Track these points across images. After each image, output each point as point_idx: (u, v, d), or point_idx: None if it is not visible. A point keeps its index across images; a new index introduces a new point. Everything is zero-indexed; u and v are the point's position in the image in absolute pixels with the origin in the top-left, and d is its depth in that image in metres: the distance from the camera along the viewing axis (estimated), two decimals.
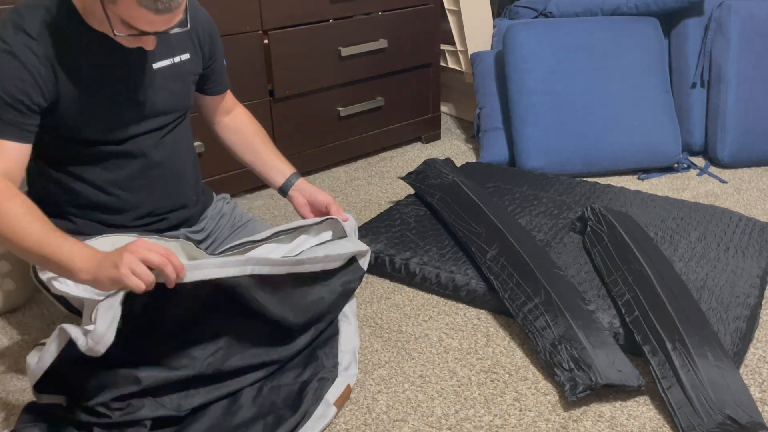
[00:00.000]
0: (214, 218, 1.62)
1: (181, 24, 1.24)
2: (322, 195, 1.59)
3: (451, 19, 2.88)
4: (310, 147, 2.51)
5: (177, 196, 1.51)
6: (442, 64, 2.93)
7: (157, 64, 1.40)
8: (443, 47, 2.96)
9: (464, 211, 1.88)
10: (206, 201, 1.63)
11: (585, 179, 2.27)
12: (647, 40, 2.51)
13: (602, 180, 2.43)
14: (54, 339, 1.17)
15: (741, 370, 1.46)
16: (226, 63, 1.63)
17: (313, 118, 2.48)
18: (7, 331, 1.67)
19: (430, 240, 1.87)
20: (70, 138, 1.35)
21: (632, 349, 1.48)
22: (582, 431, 1.32)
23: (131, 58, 1.36)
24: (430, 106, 2.84)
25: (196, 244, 1.53)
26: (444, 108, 3.21)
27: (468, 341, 1.59)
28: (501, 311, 1.67)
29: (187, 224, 1.56)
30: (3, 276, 1.70)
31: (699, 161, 2.56)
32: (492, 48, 2.84)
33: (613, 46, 2.48)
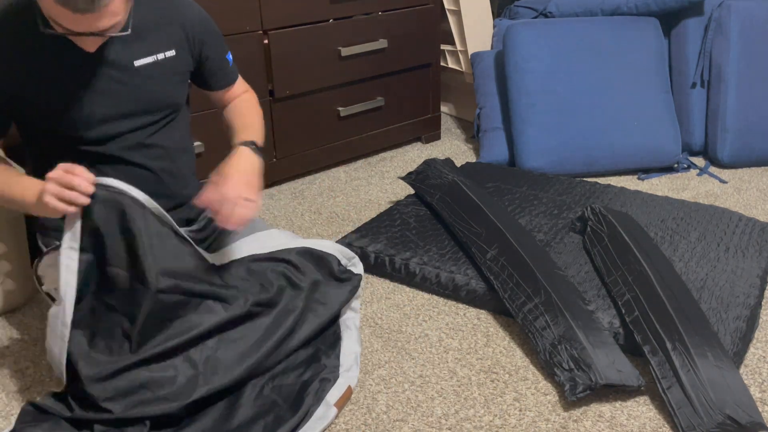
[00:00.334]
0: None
1: (121, 28, 1.23)
2: (229, 187, 1.36)
3: (451, 19, 2.88)
4: (310, 147, 2.51)
5: (172, 195, 1.51)
6: (442, 64, 2.93)
7: (138, 62, 1.39)
8: (443, 47, 2.96)
9: (464, 211, 1.88)
10: None
11: (585, 179, 2.27)
12: (647, 40, 2.51)
13: (602, 180, 2.43)
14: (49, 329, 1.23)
15: (741, 370, 1.46)
16: None
17: (313, 118, 2.48)
18: (7, 331, 1.67)
19: (430, 240, 1.87)
20: (52, 134, 1.35)
21: (632, 349, 1.48)
22: (582, 431, 1.32)
23: (108, 56, 1.35)
24: (430, 106, 2.84)
25: (197, 243, 1.53)
26: (444, 108, 3.21)
27: (468, 341, 1.59)
28: (501, 311, 1.67)
29: (186, 223, 1.56)
30: (3, 276, 1.70)
31: (699, 161, 2.56)
32: (492, 48, 2.84)
33: (613, 46, 2.48)
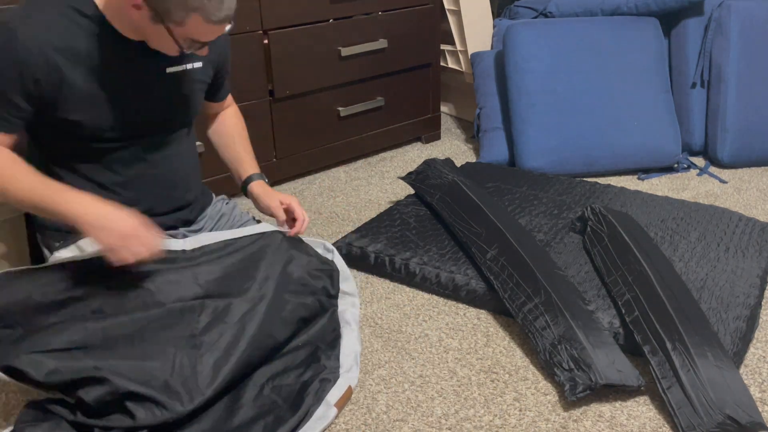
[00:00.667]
0: (213, 218, 1.62)
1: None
2: (263, 201, 1.59)
3: (451, 19, 2.88)
4: (310, 147, 2.51)
5: (177, 198, 1.51)
6: (442, 64, 2.93)
7: (170, 69, 1.41)
8: (443, 47, 2.96)
9: (464, 211, 1.88)
10: (205, 202, 1.63)
11: (585, 179, 2.27)
12: (647, 40, 2.51)
13: (602, 180, 2.43)
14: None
15: (741, 370, 1.46)
16: None
17: (313, 118, 2.48)
18: None
19: (430, 240, 1.87)
20: (79, 135, 1.35)
21: (632, 349, 1.48)
22: (582, 431, 1.32)
23: (145, 60, 1.36)
24: (430, 106, 2.84)
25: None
26: (444, 108, 3.21)
27: (468, 341, 1.59)
28: (501, 311, 1.67)
29: (184, 224, 1.56)
30: None
31: (699, 161, 2.56)
32: (492, 48, 2.84)
33: (613, 46, 2.48)
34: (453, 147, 2.83)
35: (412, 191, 2.27)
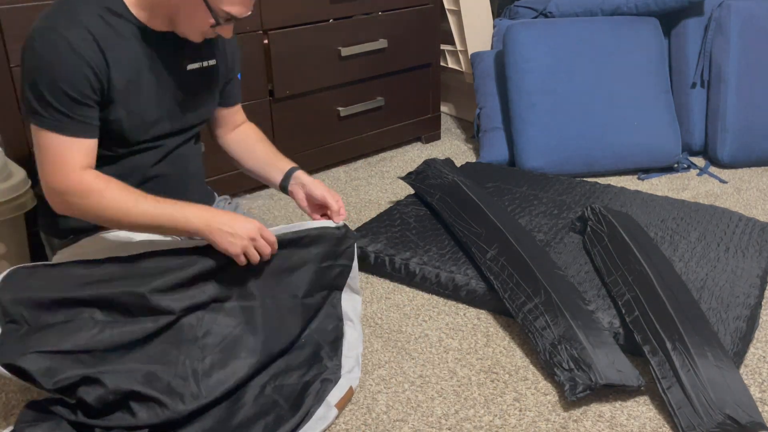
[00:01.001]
0: None
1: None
2: (318, 188, 1.53)
3: (451, 19, 2.88)
4: (310, 147, 2.51)
5: (187, 199, 1.51)
6: (442, 64, 2.93)
7: (190, 66, 1.41)
8: (443, 47, 2.96)
9: (464, 211, 1.88)
10: (208, 202, 1.63)
11: (585, 179, 2.27)
12: (647, 40, 2.51)
13: (602, 180, 2.43)
14: None
15: (741, 370, 1.46)
16: None
17: (313, 118, 2.48)
18: None
19: (430, 240, 1.87)
20: (115, 135, 1.35)
21: (632, 349, 1.48)
22: (582, 431, 1.32)
23: (167, 56, 1.37)
24: (430, 106, 2.84)
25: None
26: (444, 108, 3.21)
27: (468, 341, 1.59)
28: (501, 311, 1.67)
29: None
30: None
31: (699, 161, 2.56)
32: (492, 48, 2.84)
33: (613, 46, 2.48)
34: (453, 147, 2.83)
35: (412, 191, 2.27)
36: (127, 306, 1.29)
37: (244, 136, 1.64)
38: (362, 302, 1.74)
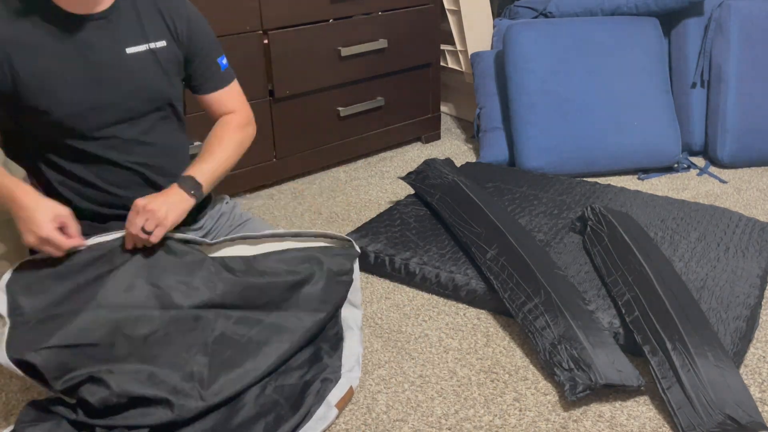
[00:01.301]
0: (213, 217, 1.62)
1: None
2: (144, 199, 1.36)
3: (451, 19, 2.88)
4: (310, 147, 2.51)
5: None
6: (442, 64, 2.93)
7: (130, 49, 1.37)
8: (443, 47, 2.96)
9: (464, 211, 1.88)
10: (205, 201, 1.62)
11: (585, 179, 2.27)
12: (647, 40, 2.51)
13: (602, 180, 2.43)
14: None
15: (741, 370, 1.46)
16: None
17: (313, 118, 2.48)
18: None
19: (430, 240, 1.87)
20: (53, 125, 1.33)
21: (632, 349, 1.48)
22: (582, 431, 1.32)
23: (99, 40, 1.34)
24: (430, 106, 2.84)
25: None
26: (444, 108, 3.21)
27: (468, 341, 1.59)
28: (501, 311, 1.67)
29: (183, 223, 1.55)
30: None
31: (699, 161, 2.56)
32: (492, 48, 2.84)
33: (613, 46, 2.48)
34: (453, 147, 2.83)
35: (412, 191, 2.27)
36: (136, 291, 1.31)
37: (214, 128, 1.55)
38: (362, 302, 1.74)
